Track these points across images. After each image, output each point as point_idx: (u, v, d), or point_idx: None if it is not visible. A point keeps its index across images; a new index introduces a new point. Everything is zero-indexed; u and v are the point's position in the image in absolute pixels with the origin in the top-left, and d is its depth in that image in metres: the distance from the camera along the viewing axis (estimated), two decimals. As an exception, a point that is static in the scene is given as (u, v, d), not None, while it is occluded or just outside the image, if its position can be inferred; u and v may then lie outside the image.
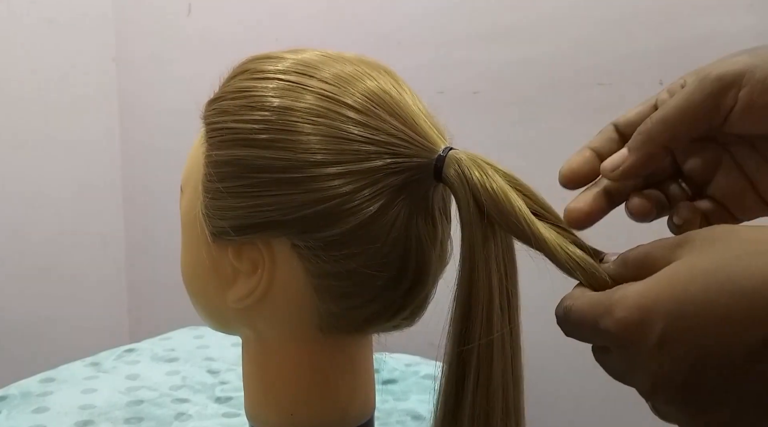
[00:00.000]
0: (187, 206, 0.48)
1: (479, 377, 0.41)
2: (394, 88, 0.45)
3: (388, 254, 0.43)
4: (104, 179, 1.64)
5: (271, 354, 0.49)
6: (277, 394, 0.49)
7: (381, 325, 0.48)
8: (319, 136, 0.42)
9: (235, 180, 0.43)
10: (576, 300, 0.32)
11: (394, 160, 0.42)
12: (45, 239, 1.51)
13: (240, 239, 0.44)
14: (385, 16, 1.24)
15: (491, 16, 1.13)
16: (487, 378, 0.41)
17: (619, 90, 1.03)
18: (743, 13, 0.94)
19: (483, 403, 0.41)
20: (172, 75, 1.56)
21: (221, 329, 0.52)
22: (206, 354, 1.01)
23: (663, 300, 0.27)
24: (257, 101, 0.43)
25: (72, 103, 1.55)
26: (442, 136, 0.45)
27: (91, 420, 0.78)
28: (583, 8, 1.06)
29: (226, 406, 0.84)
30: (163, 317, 1.42)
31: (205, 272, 0.48)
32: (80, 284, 1.59)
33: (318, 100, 0.43)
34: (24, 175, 1.47)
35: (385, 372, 0.92)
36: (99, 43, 1.60)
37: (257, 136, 0.42)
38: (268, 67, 0.45)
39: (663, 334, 0.27)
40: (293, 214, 0.42)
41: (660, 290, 0.27)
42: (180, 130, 1.52)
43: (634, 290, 0.28)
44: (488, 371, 0.41)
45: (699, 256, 0.28)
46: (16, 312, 1.46)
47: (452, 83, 1.16)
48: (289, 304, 0.46)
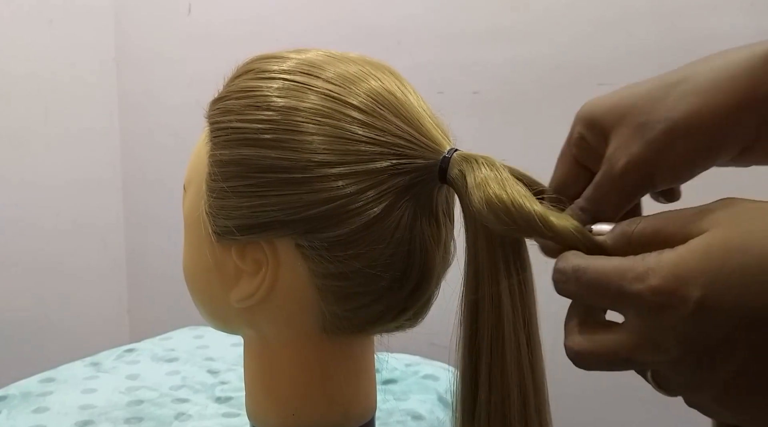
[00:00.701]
0: (190, 206, 0.48)
1: (491, 379, 0.40)
2: (399, 89, 0.45)
3: (392, 254, 0.43)
4: (104, 179, 1.64)
5: (273, 354, 0.49)
6: (278, 394, 0.49)
7: (384, 325, 0.48)
8: (323, 137, 0.42)
9: (239, 179, 0.43)
10: (590, 262, 0.32)
11: (399, 162, 0.42)
12: (45, 240, 1.51)
13: (244, 239, 0.44)
14: (385, 16, 1.24)
15: (491, 16, 1.13)
16: (500, 380, 0.40)
17: (619, 90, 1.03)
18: (743, 13, 0.95)
19: (498, 406, 0.40)
20: (172, 75, 1.56)
21: (223, 328, 0.52)
22: (206, 354, 1.01)
23: (700, 271, 0.28)
24: (262, 101, 0.43)
25: (72, 103, 1.55)
26: (447, 137, 0.44)
27: (91, 420, 0.78)
28: (583, 8, 1.06)
29: (226, 406, 0.84)
30: (163, 317, 1.42)
31: (208, 272, 0.48)
32: (80, 284, 1.59)
33: (323, 101, 0.42)
34: (24, 175, 1.47)
35: (386, 372, 0.92)
36: (99, 43, 1.60)
37: (262, 136, 0.42)
38: (273, 67, 0.45)
39: (701, 301, 0.27)
40: (297, 214, 0.42)
41: (696, 263, 0.28)
42: (180, 129, 1.52)
43: (668, 258, 0.29)
44: (501, 373, 0.40)
45: (731, 230, 0.28)
46: (16, 312, 1.46)
47: (452, 83, 1.16)
48: (292, 304, 0.46)
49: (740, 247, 0.27)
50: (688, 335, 0.28)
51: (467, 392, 0.42)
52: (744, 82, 0.32)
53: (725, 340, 0.27)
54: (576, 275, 0.32)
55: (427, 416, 0.82)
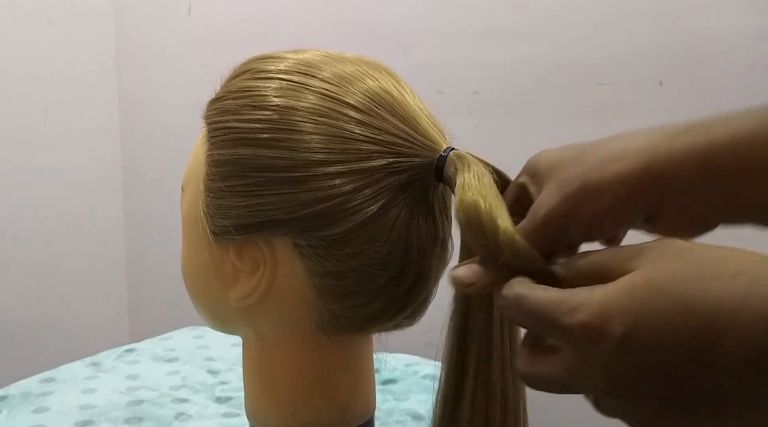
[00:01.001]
0: (188, 205, 0.48)
1: (478, 376, 0.41)
2: (395, 88, 0.45)
3: (390, 253, 0.43)
4: (104, 179, 1.64)
5: (272, 354, 0.49)
6: (277, 393, 0.49)
7: (382, 324, 0.48)
8: (320, 136, 0.42)
9: (236, 179, 0.43)
10: (531, 291, 0.33)
11: (396, 160, 0.42)
12: (45, 240, 1.51)
13: (241, 238, 0.44)
14: (385, 16, 1.24)
15: (491, 16, 1.13)
16: (486, 378, 0.41)
17: (619, 90, 1.03)
18: (743, 13, 0.94)
19: (482, 403, 0.41)
20: (172, 75, 1.56)
21: (222, 328, 0.52)
22: (206, 354, 1.01)
23: (623, 309, 0.29)
24: (259, 101, 0.43)
25: (72, 103, 1.55)
26: (443, 136, 0.45)
27: (91, 420, 0.78)
28: (583, 8, 1.06)
29: (226, 406, 0.84)
30: (163, 317, 1.42)
31: (206, 272, 0.48)
32: (80, 284, 1.59)
33: (320, 100, 0.43)
34: (24, 175, 1.47)
35: (385, 372, 0.92)
36: (99, 43, 1.60)
37: (259, 136, 0.42)
38: (270, 67, 0.45)
39: (622, 338, 0.29)
40: (295, 213, 0.42)
41: (621, 301, 0.30)
42: (180, 129, 1.52)
43: (597, 295, 0.30)
44: (487, 371, 0.41)
45: (655, 271, 0.30)
46: (16, 312, 1.46)
47: (452, 83, 1.16)
48: (290, 303, 0.46)
49: (661, 288, 0.29)
50: (612, 369, 0.30)
51: (451, 389, 0.42)
52: (645, 156, 0.34)
53: (646, 375, 0.29)
54: (518, 303, 0.33)
55: (427, 416, 0.82)
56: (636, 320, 0.29)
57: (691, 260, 0.30)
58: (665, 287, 0.29)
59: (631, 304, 0.29)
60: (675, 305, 0.28)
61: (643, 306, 0.29)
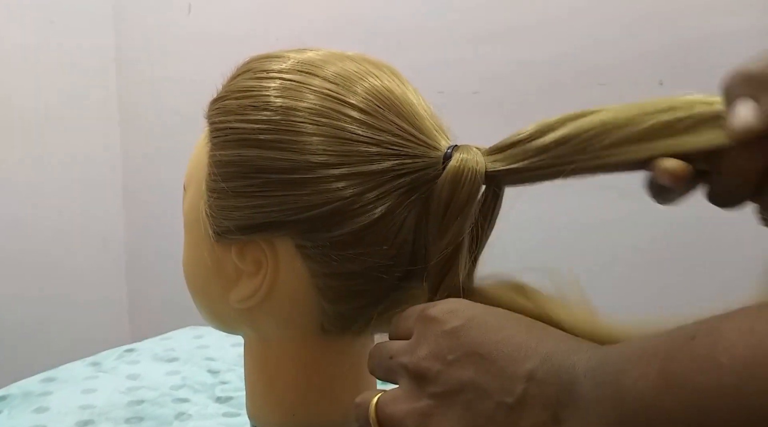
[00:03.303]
0: (190, 206, 0.48)
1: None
2: (398, 88, 0.44)
3: (395, 255, 0.43)
4: (104, 179, 1.64)
5: (273, 354, 0.49)
6: (278, 393, 0.49)
7: (384, 325, 0.48)
8: (322, 137, 0.41)
9: (239, 180, 0.43)
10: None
11: (400, 162, 0.42)
12: (45, 239, 1.51)
13: (243, 239, 0.44)
14: (385, 16, 1.24)
15: (491, 16, 1.13)
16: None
17: (619, 90, 1.03)
18: (744, 13, 0.95)
19: None
20: (172, 75, 1.56)
21: (223, 328, 0.52)
22: (206, 354, 1.01)
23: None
24: (260, 101, 0.43)
25: (72, 103, 1.55)
26: (446, 136, 0.44)
27: (91, 420, 0.78)
28: (584, 9, 1.06)
29: (226, 406, 0.84)
30: (163, 317, 1.42)
31: (207, 272, 0.47)
32: (80, 284, 1.59)
33: (321, 100, 0.42)
34: (24, 175, 1.47)
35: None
36: (99, 43, 1.60)
37: (261, 137, 0.42)
38: (271, 67, 0.45)
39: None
40: (297, 214, 0.42)
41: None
42: (180, 129, 1.52)
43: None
44: None
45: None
46: (16, 312, 1.46)
47: (452, 83, 1.16)
48: (292, 304, 0.46)
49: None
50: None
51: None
52: None
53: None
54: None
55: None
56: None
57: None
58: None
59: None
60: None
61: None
